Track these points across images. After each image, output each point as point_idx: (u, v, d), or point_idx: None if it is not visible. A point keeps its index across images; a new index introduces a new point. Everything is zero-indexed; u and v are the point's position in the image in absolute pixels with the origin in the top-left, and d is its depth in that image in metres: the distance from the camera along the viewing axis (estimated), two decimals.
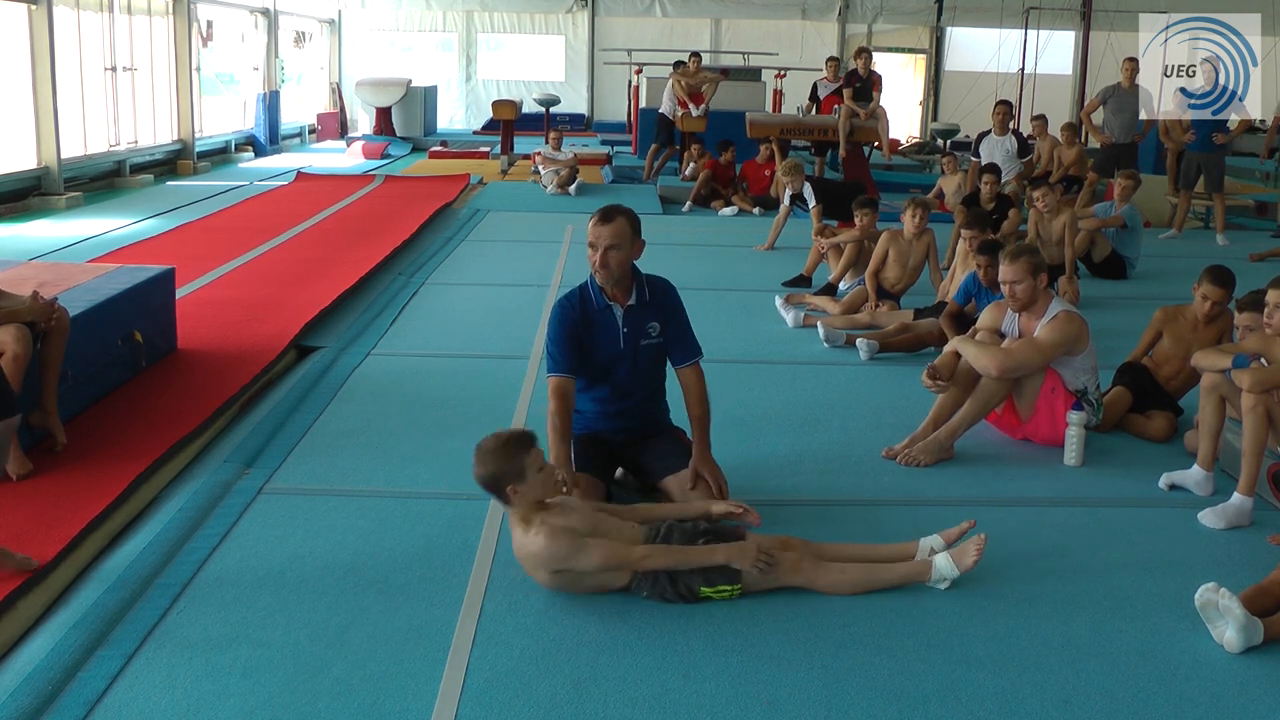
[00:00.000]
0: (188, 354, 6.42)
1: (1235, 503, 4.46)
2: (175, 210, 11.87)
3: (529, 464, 3.57)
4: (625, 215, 4.36)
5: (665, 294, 4.54)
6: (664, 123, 15.85)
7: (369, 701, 3.07)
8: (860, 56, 14.43)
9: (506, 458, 3.56)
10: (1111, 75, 13.80)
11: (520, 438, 3.62)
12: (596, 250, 4.31)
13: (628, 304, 4.44)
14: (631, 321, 4.44)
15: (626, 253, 4.35)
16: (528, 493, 3.59)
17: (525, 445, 3.60)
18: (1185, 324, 5.68)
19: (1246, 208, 14.03)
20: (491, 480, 3.59)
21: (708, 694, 3.15)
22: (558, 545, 3.56)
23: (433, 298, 8.37)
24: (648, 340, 4.48)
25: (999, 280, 5.38)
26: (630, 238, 4.35)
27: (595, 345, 4.43)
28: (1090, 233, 9.57)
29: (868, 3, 24.50)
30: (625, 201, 13.44)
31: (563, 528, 3.59)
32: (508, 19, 24.84)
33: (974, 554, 3.80)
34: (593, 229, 4.33)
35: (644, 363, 4.51)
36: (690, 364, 4.50)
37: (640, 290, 4.46)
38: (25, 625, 3.52)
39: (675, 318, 4.52)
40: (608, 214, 4.35)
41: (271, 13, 20.10)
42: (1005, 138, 12.19)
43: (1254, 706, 3.19)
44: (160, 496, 4.57)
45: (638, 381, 4.53)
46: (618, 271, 4.35)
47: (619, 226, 4.31)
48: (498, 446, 3.58)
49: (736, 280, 9.30)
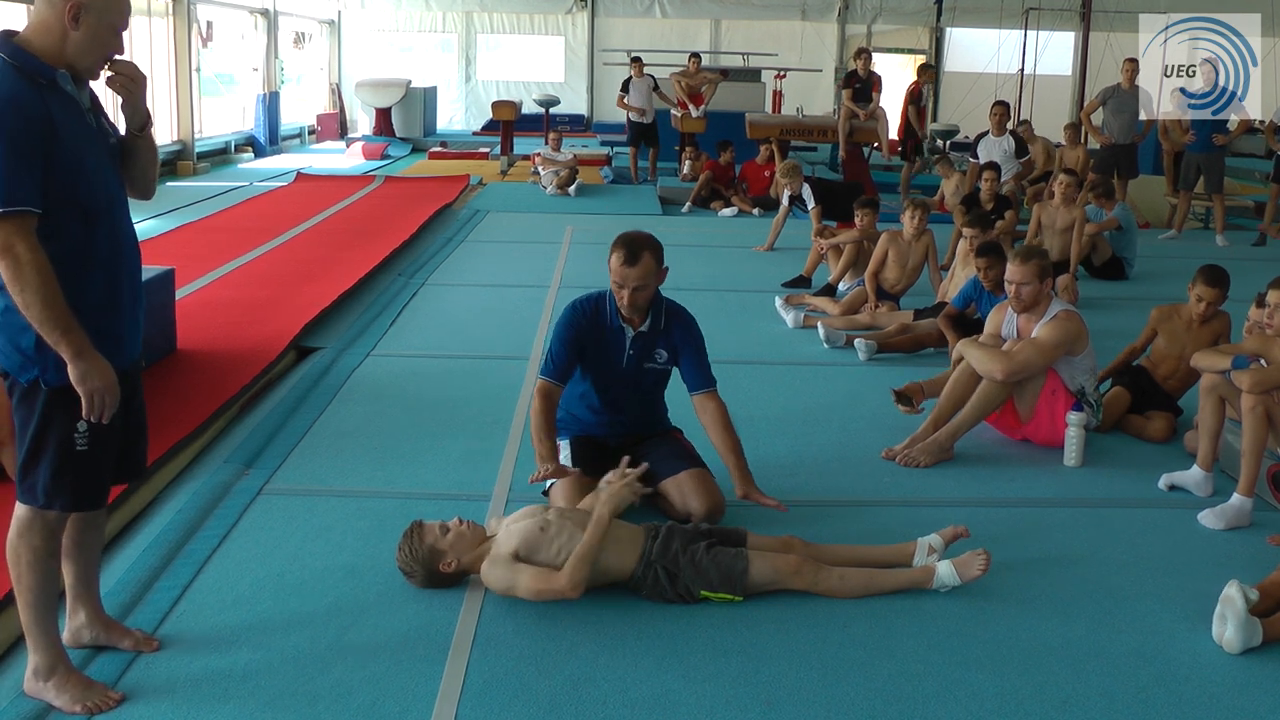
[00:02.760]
0: (187, 355, 6.42)
1: (1235, 503, 4.46)
2: (175, 211, 11.87)
3: (433, 540, 3.66)
4: (650, 250, 4.22)
5: (682, 323, 4.44)
6: (636, 128, 15.53)
7: (368, 703, 3.07)
8: (860, 58, 14.43)
9: (416, 552, 3.67)
10: (1111, 76, 13.79)
11: (409, 533, 3.71)
12: (624, 290, 4.22)
13: (639, 329, 4.38)
14: (640, 346, 4.39)
15: (653, 288, 4.28)
16: (459, 555, 3.66)
17: (418, 532, 3.70)
18: (1180, 323, 5.69)
19: (1246, 208, 14.03)
20: (427, 577, 3.69)
21: (707, 695, 3.15)
22: (495, 579, 3.60)
23: (432, 298, 8.37)
24: (652, 365, 4.44)
25: (1006, 280, 5.37)
26: (656, 272, 4.25)
27: (598, 360, 4.40)
28: (1092, 236, 9.58)
29: (867, 3, 24.47)
30: (624, 203, 13.64)
31: (497, 557, 3.61)
32: (507, 20, 24.82)
33: (978, 569, 3.77)
34: (619, 269, 4.20)
35: (644, 384, 4.49)
36: (705, 392, 4.39)
37: (656, 317, 4.39)
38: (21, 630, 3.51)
39: (689, 346, 4.42)
40: (634, 252, 4.18)
41: (271, 13, 20.09)
42: (1003, 138, 12.19)
43: (1253, 708, 3.19)
44: (160, 497, 4.57)
45: (635, 399, 4.52)
46: (645, 307, 4.30)
47: (646, 266, 4.19)
48: (405, 555, 3.69)
49: (736, 281, 9.30)
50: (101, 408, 2.81)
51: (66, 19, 2.76)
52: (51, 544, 2.98)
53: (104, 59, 2.87)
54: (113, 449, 2.99)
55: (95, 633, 3.26)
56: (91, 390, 2.78)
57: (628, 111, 15.45)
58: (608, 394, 4.47)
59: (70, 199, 2.79)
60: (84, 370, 2.76)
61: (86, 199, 2.84)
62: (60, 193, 2.76)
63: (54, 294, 2.70)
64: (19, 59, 2.75)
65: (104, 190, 2.90)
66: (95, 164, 2.87)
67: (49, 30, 2.78)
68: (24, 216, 2.68)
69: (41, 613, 2.98)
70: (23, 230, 2.67)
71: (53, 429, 2.86)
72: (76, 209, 2.81)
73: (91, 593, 3.26)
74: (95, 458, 2.92)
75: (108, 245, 2.90)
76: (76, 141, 2.81)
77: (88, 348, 2.76)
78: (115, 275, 2.93)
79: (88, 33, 2.79)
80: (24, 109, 2.70)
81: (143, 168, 3.08)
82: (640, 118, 15.32)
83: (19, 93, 2.71)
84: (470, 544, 3.68)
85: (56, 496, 2.90)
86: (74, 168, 2.79)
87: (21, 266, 2.67)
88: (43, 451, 2.88)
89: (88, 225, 2.85)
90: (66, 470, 2.88)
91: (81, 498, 2.95)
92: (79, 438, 2.87)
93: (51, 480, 2.88)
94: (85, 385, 2.77)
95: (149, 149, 3.08)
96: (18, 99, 2.70)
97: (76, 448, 2.88)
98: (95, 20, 2.79)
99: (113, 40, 2.86)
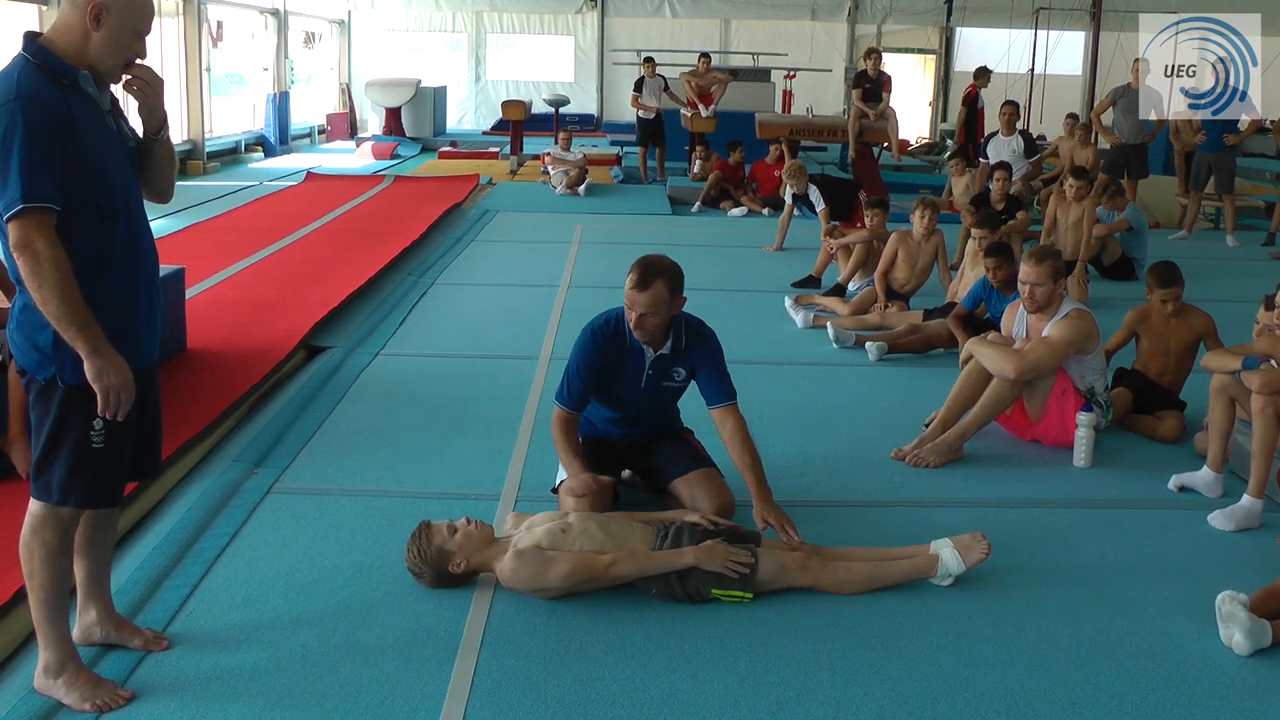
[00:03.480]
0: (197, 354, 6.44)
1: (1245, 505, 4.45)
2: (185, 210, 11.89)
3: (442, 541, 3.64)
4: (664, 278, 4.12)
5: (702, 341, 4.36)
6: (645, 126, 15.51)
7: (377, 702, 3.07)
8: (870, 57, 14.40)
9: (424, 553, 3.65)
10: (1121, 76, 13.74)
11: (417, 534, 3.69)
12: (633, 313, 4.16)
13: (660, 351, 4.32)
14: (659, 367, 4.34)
15: (664, 316, 4.18)
16: (467, 556, 3.65)
17: (426, 533, 3.68)
18: (1157, 321, 5.69)
19: (1256, 209, 13.98)
20: (435, 577, 3.68)
21: (716, 695, 3.15)
22: (523, 567, 3.59)
23: (442, 298, 8.38)
24: (670, 383, 4.40)
25: (1020, 280, 5.35)
26: (668, 301, 4.14)
27: (617, 377, 4.36)
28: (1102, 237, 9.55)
29: (877, 3, 24.46)
30: (633, 203, 13.64)
31: (525, 549, 3.61)
32: (517, 19, 24.85)
33: (980, 553, 3.79)
34: (630, 291, 4.12)
35: (662, 399, 4.47)
36: (724, 405, 4.28)
37: (676, 339, 4.30)
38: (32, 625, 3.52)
39: (708, 363, 4.33)
40: (646, 278, 4.10)
41: (281, 13, 20.13)
42: (1012, 138, 12.16)
43: (1263, 710, 3.18)
44: (169, 496, 4.58)
45: (651, 411, 4.50)
46: (654, 332, 4.23)
47: (656, 294, 4.09)
48: (413, 556, 3.67)
49: (745, 281, 9.29)
50: (117, 405, 2.82)
51: (88, 20, 2.80)
52: (65, 541, 2.99)
53: (124, 61, 2.90)
54: (128, 447, 3.01)
55: (105, 631, 3.27)
56: (107, 387, 2.79)
57: (639, 110, 15.46)
58: (623, 409, 4.46)
59: (88, 199, 2.82)
60: (100, 367, 2.77)
61: (104, 200, 2.86)
62: (79, 193, 2.79)
63: (71, 291, 2.72)
64: (42, 58, 2.78)
65: (122, 192, 2.92)
66: (114, 166, 2.90)
67: (71, 31, 2.82)
68: (44, 213, 2.70)
69: (53, 609, 2.99)
70: (42, 227, 2.70)
71: (69, 427, 2.88)
72: (94, 209, 2.84)
73: (102, 590, 3.27)
74: (111, 455, 2.94)
75: (125, 247, 2.92)
76: (96, 143, 2.84)
77: (104, 345, 2.78)
78: (131, 276, 2.95)
79: (109, 34, 2.82)
80: (47, 108, 2.72)
81: (159, 171, 3.10)
82: (648, 115, 15.32)
83: (42, 91, 2.73)
84: (479, 544, 3.68)
85: (71, 493, 2.91)
86: (93, 168, 2.82)
87: (40, 263, 2.69)
88: (59, 449, 2.90)
89: (105, 226, 2.87)
90: (82, 467, 2.90)
91: (96, 495, 2.96)
92: (95, 435, 2.89)
93: (67, 477, 2.90)
94: (101, 382, 2.79)
95: (166, 153, 3.10)
96: (40, 98, 2.72)
97: (92, 445, 2.89)
98: (117, 22, 2.82)
99: (133, 43, 2.89)
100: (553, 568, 3.57)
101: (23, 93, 2.71)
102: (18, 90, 2.71)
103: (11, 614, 3.49)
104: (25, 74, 2.75)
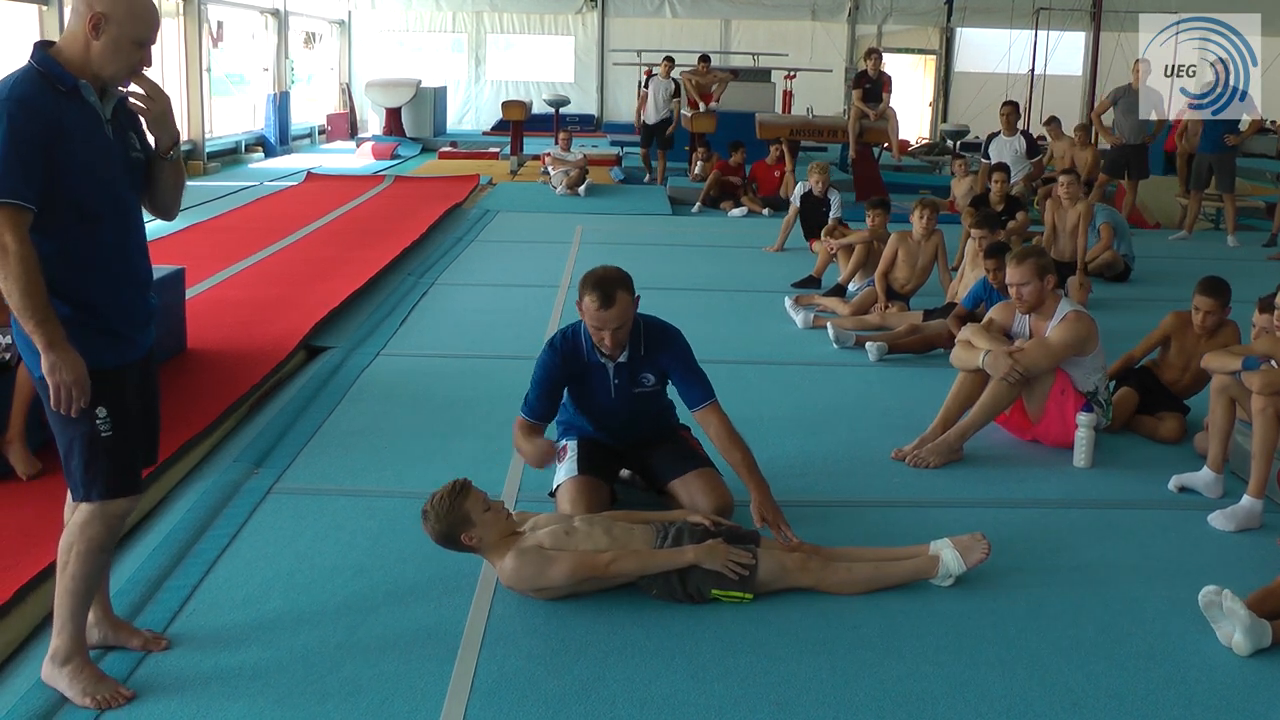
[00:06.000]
0: (197, 354, 6.44)
1: (1245, 505, 4.45)
2: (185, 210, 11.82)
3: (472, 509, 3.61)
4: (623, 287, 4.07)
5: (665, 344, 4.29)
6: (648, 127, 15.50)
7: (378, 701, 3.08)
8: (870, 58, 14.41)
9: (449, 511, 3.61)
10: (1122, 76, 13.77)
11: (455, 489, 3.64)
12: (604, 332, 4.11)
13: (619, 361, 4.26)
14: (624, 375, 4.30)
15: (630, 323, 4.16)
16: (483, 534, 3.62)
17: (463, 494, 3.63)
18: (1193, 335, 5.61)
19: (1257, 209, 13.98)
20: (445, 537, 3.65)
21: (716, 695, 3.15)
22: (524, 566, 3.58)
23: (442, 298, 8.38)
24: (641, 389, 4.35)
25: (1006, 282, 5.37)
26: (632, 307, 4.13)
27: (586, 394, 4.36)
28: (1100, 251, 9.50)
29: (877, 3, 24.48)
30: (634, 203, 13.65)
31: (526, 548, 3.61)
32: (517, 19, 24.87)
33: (980, 553, 3.80)
34: (596, 313, 4.05)
35: (640, 405, 4.41)
36: (704, 407, 4.21)
37: (635, 345, 4.24)
38: (33, 624, 3.53)
39: (677, 364, 4.28)
40: (608, 294, 4.03)
41: (281, 13, 20.14)
42: (1014, 138, 12.17)
43: (1263, 710, 3.18)
44: (169, 496, 4.58)
45: (633, 417, 4.44)
46: (624, 342, 4.20)
47: (622, 305, 4.06)
48: (438, 503, 3.62)
49: (746, 281, 9.29)
50: (69, 401, 2.87)
51: (88, 29, 2.84)
52: (108, 538, 3.05)
53: (128, 71, 2.94)
54: (137, 433, 3.07)
55: (104, 632, 3.28)
56: (59, 383, 2.84)
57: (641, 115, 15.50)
58: (604, 419, 4.43)
59: (72, 202, 2.87)
60: (53, 362, 2.83)
61: (90, 204, 2.91)
62: (64, 195, 2.85)
63: (34, 286, 2.77)
64: (45, 66, 2.85)
65: (110, 198, 2.96)
66: (106, 174, 2.95)
67: (75, 40, 2.88)
68: (18, 210, 2.76)
69: (79, 601, 3.04)
70: (13, 222, 2.75)
71: (76, 420, 2.92)
72: (75, 212, 2.89)
73: (103, 592, 3.28)
74: (122, 441, 3.00)
75: (111, 249, 2.97)
76: (87, 149, 2.89)
77: (59, 341, 2.83)
78: (117, 278, 3.00)
79: (109, 44, 2.86)
80: (35, 111, 2.78)
81: (164, 189, 3.16)
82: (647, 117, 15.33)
83: (32, 96, 2.80)
84: (501, 530, 3.66)
85: (93, 485, 2.97)
86: (80, 173, 2.87)
87: (8, 256, 2.74)
88: (73, 444, 2.97)
89: (89, 229, 2.92)
90: (97, 457, 2.96)
91: (116, 483, 3.01)
92: (101, 424, 2.95)
93: (85, 470, 2.96)
94: (53, 377, 2.84)
95: (174, 173, 3.15)
96: (29, 101, 2.78)
97: (101, 434, 2.95)
98: (117, 31, 2.86)
99: (136, 53, 2.92)
100: (553, 566, 3.57)
101: (13, 95, 2.78)
102: (9, 93, 2.78)
103: (12, 614, 3.49)
104: (23, 79, 2.82)
